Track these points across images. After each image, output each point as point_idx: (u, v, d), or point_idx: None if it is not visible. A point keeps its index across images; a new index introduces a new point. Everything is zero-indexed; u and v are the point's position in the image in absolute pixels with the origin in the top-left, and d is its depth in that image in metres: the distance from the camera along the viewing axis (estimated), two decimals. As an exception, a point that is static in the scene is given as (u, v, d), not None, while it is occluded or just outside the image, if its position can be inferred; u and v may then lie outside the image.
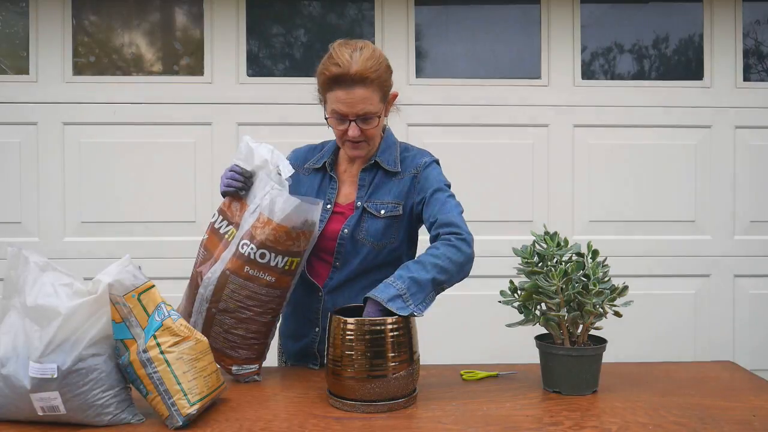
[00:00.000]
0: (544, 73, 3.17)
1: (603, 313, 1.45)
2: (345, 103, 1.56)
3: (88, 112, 3.07)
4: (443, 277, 1.49)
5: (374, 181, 1.69)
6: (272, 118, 3.08)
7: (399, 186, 1.68)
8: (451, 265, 1.50)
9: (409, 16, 3.14)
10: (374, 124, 1.60)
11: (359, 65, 1.53)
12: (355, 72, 1.53)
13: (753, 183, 3.19)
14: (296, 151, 1.81)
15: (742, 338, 3.19)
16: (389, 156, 1.70)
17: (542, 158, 3.15)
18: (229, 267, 1.48)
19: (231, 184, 1.56)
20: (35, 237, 3.05)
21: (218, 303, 1.49)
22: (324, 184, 1.73)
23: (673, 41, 3.26)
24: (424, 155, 1.72)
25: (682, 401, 1.41)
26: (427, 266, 1.48)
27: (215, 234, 1.58)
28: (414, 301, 1.44)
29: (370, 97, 1.56)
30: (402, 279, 1.46)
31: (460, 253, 1.52)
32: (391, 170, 1.68)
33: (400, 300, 1.43)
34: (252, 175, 1.56)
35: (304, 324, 1.72)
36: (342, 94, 1.55)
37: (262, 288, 1.49)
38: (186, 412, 1.25)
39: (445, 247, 1.52)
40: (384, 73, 1.59)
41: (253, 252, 1.46)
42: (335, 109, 1.57)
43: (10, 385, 1.23)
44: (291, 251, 1.49)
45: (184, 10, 3.20)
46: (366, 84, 1.55)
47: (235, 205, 1.57)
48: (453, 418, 1.32)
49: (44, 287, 1.25)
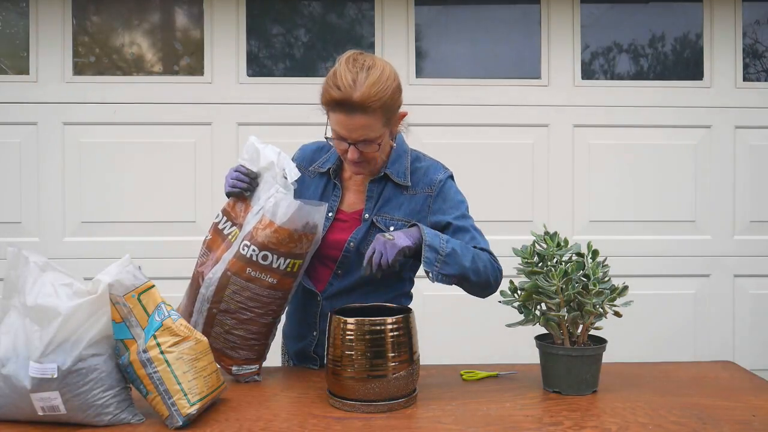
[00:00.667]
0: (544, 73, 3.17)
1: (603, 313, 1.44)
2: (345, 128, 1.50)
3: (88, 112, 3.07)
4: (474, 278, 1.51)
5: (383, 194, 1.63)
6: (272, 118, 3.08)
7: (411, 204, 1.62)
8: (486, 276, 1.54)
9: (409, 16, 3.14)
10: (374, 148, 1.53)
11: (362, 92, 1.45)
12: (357, 99, 1.45)
13: (753, 183, 3.19)
14: (303, 148, 1.76)
15: (742, 338, 3.19)
16: (399, 167, 1.64)
17: (542, 158, 3.15)
18: (230, 268, 1.47)
19: (236, 184, 1.54)
20: (35, 237, 3.05)
21: (219, 303, 1.49)
22: (327, 191, 1.67)
23: (673, 41, 3.26)
24: (438, 170, 1.66)
25: (682, 401, 1.41)
26: (471, 256, 1.50)
27: (218, 234, 1.57)
28: (442, 268, 1.46)
29: (371, 124, 1.49)
30: (450, 244, 1.48)
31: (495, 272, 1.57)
32: (401, 183, 1.63)
33: (434, 255, 1.45)
34: (257, 176, 1.55)
35: (303, 326, 1.72)
36: (342, 118, 1.49)
37: (263, 290, 1.49)
38: (186, 412, 1.25)
39: (490, 261, 1.56)
40: (389, 98, 1.50)
41: (255, 254, 1.46)
42: (335, 130, 1.52)
43: (10, 385, 1.23)
44: (293, 253, 1.48)
45: (184, 10, 3.20)
46: (367, 112, 1.47)
47: (239, 206, 1.56)
48: (453, 418, 1.32)
49: (44, 287, 1.25)
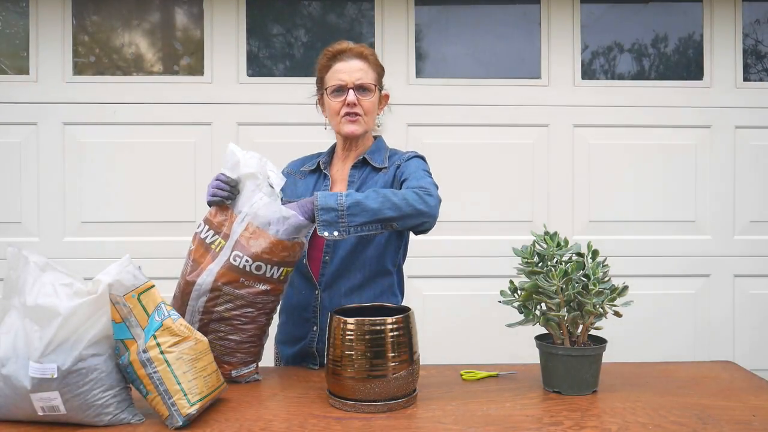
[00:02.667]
0: (544, 73, 3.17)
1: (603, 313, 1.45)
2: (344, 72, 1.70)
3: (88, 112, 3.07)
4: (393, 214, 1.50)
5: (362, 177, 1.76)
6: (272, 118, 3.08)
7: (384, 178, 1.74)
8: (406, 206, 1.51)
9: (409, 16, 3.14)
10: (370, 97, 1.72)
11: (357, 46, 1.74)
12: (355, 48, 1.73)
13: (753, 183, 3.19)
14: (291, 163, 1.90)
15: (742, 338, 3.19)
16: (378, 156, 1.79)
17: (542, 158, 3.15)
18: (222, 279, 1.47)
19: (216, 193, 1.53)
20: (35, 237, 3.05)
21: (212, 314, 1.49)
22: (318, 184, 1.79)
23: (673, 41, 3.26)
24: (411, 152, 1.81)
25: (682, 401, 1.41)
26: (381, 197, 1.50)
27: (202, 244, 1.55)
28: (349, 221, 1.47)
29: (367, 71, 1.72)
30: (350, 197, 1.49)
31: (420, 200, 1.53)
32: (378, 167, 1.76)
33: (334, 214, 1.46)
34: (237, 184, 1.54)
35: (301, 326, 1.74)
36: (341, 65, 1.71)
37: (257, 297, 1.50)
38: (186, 412, 1.25)
39: (407, 191, 1.55)
40: (378, 60, 1.78)
41: (249, 264, 1.46)
42: (334, 83, 1.70)
43: (10, 385, 1.23)
44: (286, 261, 1.49)
45: (184, 10, 3.20)
46: (363, 59, 1.73)
47: (221, 215, 1.54)
48: (453, 418, 1.32)
49: (44, 287, 1.25)
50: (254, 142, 3.02)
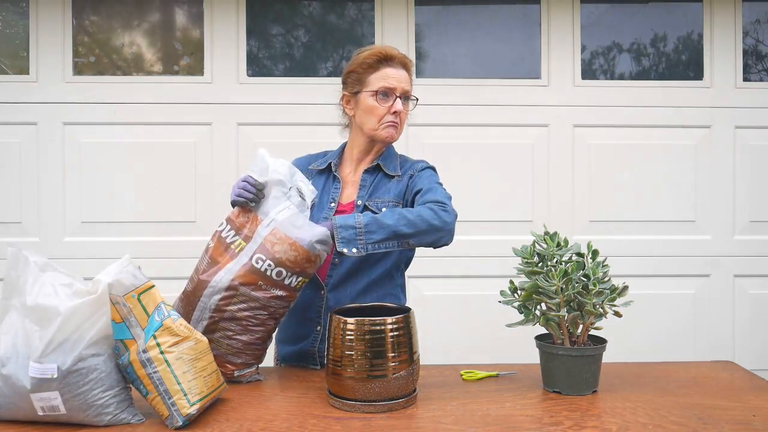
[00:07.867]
0: (544, 73, 3.17)
1: (603, 313, 1.45)
2: (395, 78, 1.70)
3: (88, 112, 3.07)
4: (409, 230, 1.53)
5: (374, 182, 1.76)
6: (272, 118, 3.08)
7: (398, 187, 1.76)
8: (422, 223, 1.55)
9: (409, 16, 3.14)
10: (409, 108, 1.75)
11: (404, 56, 1.74)
12: (402, 56, 1.73)
13: (753, 183, 3.19)
14: (297, 160, 1.87)
15: (742, 338, 3.19)
16: (390, 162, 1.79)
17: (542, 158, 3.16)
18: (240, 280, 1.48)
19: (242, 194, 1.55)
20: (35, 237, 3.06)
21: (223, 313, 1.50)
22: (328, 185, 1.79)
23: (672, 41, 3.26)
24: (422, 162, 1.82)
25: (682, 401, 1.41)
26: (396, 215, 1.54)
27: (221, 243, 1.56)
28: (367, 239, 1.51)
29: (408, 81, 1.74)
30: (366, 216, 1.54)
31: (436, 216, 1.57)
32: (391, 173, 1.77)
33: (352, 231, 1.51)
34: (263, 188, 1.56)
35: (304, 325, 1.74)
36: (392, 71, 1.70)
37: (271, 301, 1.50)
38: (186, 412, 1.25)
39: (422, 208, 1.58)
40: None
41: (271, 268, 1.47)
42: (384, 85, 1.69)
43: (10, 385, 1.23)
44: (305, 272, 1.51)
45: (184, 10, 3.20)
46: (407, 70, 1.74)
47: (244, 217, 1.56)
48: (453, 418, 1.32)
49: (44, 287, 1.25)
50: (254, 142, 3.02)
